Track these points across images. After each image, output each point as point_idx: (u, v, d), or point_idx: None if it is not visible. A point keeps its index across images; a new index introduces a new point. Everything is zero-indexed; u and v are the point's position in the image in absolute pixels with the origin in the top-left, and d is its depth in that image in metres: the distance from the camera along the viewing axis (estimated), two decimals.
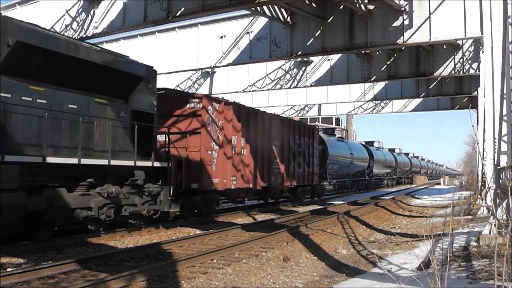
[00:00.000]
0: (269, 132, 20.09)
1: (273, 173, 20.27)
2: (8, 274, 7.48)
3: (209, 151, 15.71)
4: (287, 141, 21.93)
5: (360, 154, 37.82)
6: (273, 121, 20.82)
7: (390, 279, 6.45)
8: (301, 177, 23.58)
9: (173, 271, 8.27)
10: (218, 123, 16.32)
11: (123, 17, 16.36)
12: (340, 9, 17.04)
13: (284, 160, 21.31)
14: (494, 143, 12.65)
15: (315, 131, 26.26)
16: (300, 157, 23.38)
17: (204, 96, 16.01)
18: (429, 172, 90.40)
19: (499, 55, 12.40)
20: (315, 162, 25.49)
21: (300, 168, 23.32)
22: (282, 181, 21.30)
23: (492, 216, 10.13)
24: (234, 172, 17.21)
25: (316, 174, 25.83)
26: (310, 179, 24.78)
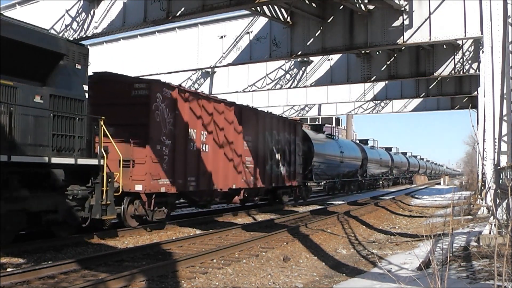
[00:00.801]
0: (239, 126, 17.64)
1: (244, 173, 17.93)
2: (8, 274, 7.48)
3: (158, 146, 13.25)
4: (262, 136, 19.49)
5: (352, 153, 35.29)
6: (245, 114, 18.14)
7: (390, 279, 6.45)
8: (281, 177, 21.32)
9: (173, 271, 8.27)
10: (170, 114, 13.84)
11: (123, 17, 16.36)
12: (340, 9, 17.04)
13: (258, 158, 18.97)
14: (494, 143, 12.65)
15: (298, 126, 23.87)
16: (279, 154, 21.04)
17: (152, 81, 13.82)
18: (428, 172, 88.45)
19: (499, 55, 12.40)
20: (297, 161, 23.20)
21: (279, 167, 21.07)
22: (255, 182, 18.87)
23: (492, 216, 10.13)
24: (192, 171, 14.79)
25: (300, 174, 23.52)
26: (292, 179, 22.52)
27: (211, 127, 15.88)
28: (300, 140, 23.91)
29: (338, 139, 33.21)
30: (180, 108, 14.29)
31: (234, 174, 17.32)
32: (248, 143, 18.31)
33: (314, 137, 27.55)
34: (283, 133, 21.59)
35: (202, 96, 15.91)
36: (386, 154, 49.28)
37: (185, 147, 14.50)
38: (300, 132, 24.18)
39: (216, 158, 16.15)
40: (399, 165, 55.56)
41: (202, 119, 15.36)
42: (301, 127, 24.54)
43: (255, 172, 18.84)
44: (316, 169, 27.44)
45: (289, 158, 22.16)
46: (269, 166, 20.09)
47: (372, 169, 41.82)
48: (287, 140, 22.07)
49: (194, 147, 15.01)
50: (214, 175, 15.97)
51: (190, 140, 14.76)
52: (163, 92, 13.55)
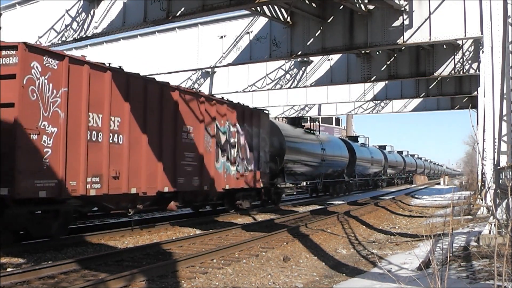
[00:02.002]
0: (173, 114, 14.08)
1: (182, 172, 14.30)
2: (8, 274, 7.49)
3: (34, 135, 9.92)
4: (211, 128, 16.02)
5: (337, 151, 31.06)
6: (183, 98, 14.59)
7: (390, 279, 6.45)
8: (239, 178, 17.87)
9: (173, 271, 8.28)
10: (57, 92, 10.52)
11: (123, 17, 16.35)
12: (340, 9, 17.04)
13: (204, 154, 15.46)
14: (494, 143, 12.65)
15: (264, 117, 20.18)
16: (235, 150, 17.62)
17: (27, 46, 9.93)
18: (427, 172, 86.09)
19: (499, 55, 12.40)
20: (262, 158, 19.68)
21: (235, 166, 17.52)
22: (201, 183, 15.28)
23: (492, 216, 10.13)
24: (96, 169, 11.22)
25: (266, 174, 20.16)
26: (255, 180, 19.04)
27: (127, 112, 12.24)
28: (267, 134, 20.24)
29: (320, 135, 28.94)
30: (73, 84, 10.84)
31: (166, 174, 13.63)
32: (188, 135, 14.68)
33: (287, 131, 23.74)
34: (241, 124, 18.00)
35: (113, 70, 11.96)
36: (378, 153, 45.58)
37: (82, 138, 11.00)
38: (267, 124, 20.36)
39: (136, 153, 12.50)
40: (394, 164, 52.29)
41: (113, 101, 11.76)
42: (267, 117, 20.62)
43: (199, 172, 15.17)
44: (289, 169, 23.59)
45: (250, 154, 18.65)
46: (221, 164, 16.55)
47: (362, 169, 38.22)
48: (247, 133, 18.48)
49: (99, 137, 11.39)
50: (133, 174, 12.34)
51: (92, 129, 11.23)
52: (43, 62, 10.21)
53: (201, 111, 15.54)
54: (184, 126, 14.61)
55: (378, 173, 44.94)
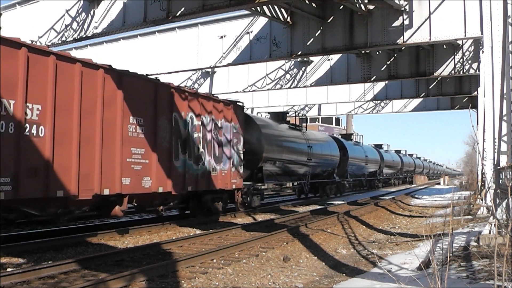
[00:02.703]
0: (119, 102, 11.73)
1: (129, 172, 11.99)
2: (8, 274, 7.48)
3: None
4: (168, 120, 13.56)
5: (326, 150, 28.27)
6: (129, 84, 12.14)
7: (390, 279, 6.45)
8: (206, 178, 15.33)
9: (173, 271, 8.27)
10: None
11: (123, 17, 16.37)
12: (340, 9, 17.05)
13: (159, 151, 13.05)
14: (494, 143, 12.65)
15: (238, 110, 17.51)
16: (202, 146, 15.17)
17: None
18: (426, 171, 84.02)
19: (499, 55, 12.40)
20: (235, 156, 17.20)
21: (200, 164, 15.04)
22: (156, 185, 12.92)
23: (492, 216, 10.13)
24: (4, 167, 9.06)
25: (241, 173, 17.64)
26: (226, 181, 16.52)
27: (50, 98, 10.01)
28: (241, 129, 17.71)
29: (306, 132, 26.08)
30: None
31: (107, 174, 11.36)
32: (136, 128, 12.36)
33: (266, 126, 21.29)
34: (207, 116, 15.59)
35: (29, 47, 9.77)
36: (374, 152, 43.08)
37: None
38: (241, 117, 17.80)
39: (63, 147, 10.28)
40: (390, 164, 49.89)
41: (29, 85, 9.60)
42: (241, 110, 18.02)
43: (152, 171, 12.85)
44: (269, 168, 21.21)
45: (219, 151, 16.22)
46: (181, 162, 14.08)
47: (355, 169, 35.77)
48: (215, 127, 16.00)
49: (10, 128, 9.23)
50: (60, 173, 10.18)
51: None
52: None
53: (155, 100, 13.06)
54: (132, 117, 12.15)
55: (373, 173, 42.43)
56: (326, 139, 29.88)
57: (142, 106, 12.62)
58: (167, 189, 13.44)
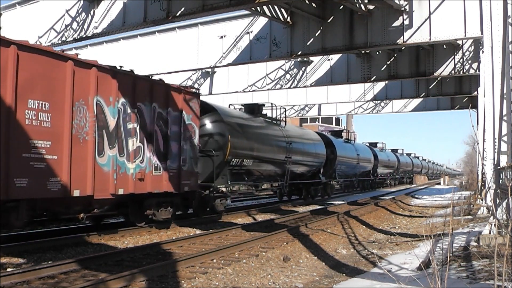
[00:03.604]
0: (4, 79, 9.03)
1: (26, 171, 9.35)
2: (8, 274, 7.49)
3: None
4: (88, 106, 10.85)
5: (310, 147, 25.31)
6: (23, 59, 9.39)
7: (390, 279, 6.45)
8: (145, 180, 12.55)
9: (173, 271, 8.27)
10: None
11: (123, 17, 16.37)
12: (340, 9, 17.05)
13: (74, 144, 10.43)
14: (494, 143, 12.65)
15: (190, 98, 14.67)
16: (137, 140, 12.38)
17: None
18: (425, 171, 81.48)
19: (499, 55, 12.40)
20: (188, 153, 14.38)
21: (134, 162, 12.22)
22: (67, 187, 10.21)
23: (492, 216, 10.13)
24: None
25: (195, 173, 14.79)
26: (175, 183, 13.69)
27: None
28: (196, 120, 14.88)
29: (286, 126, 23.17)
30: None
31: None
32: (40, 114, 9.76)
33: (232, 118, 18.24)
34: (147, 104, 12.76)
35: None
36: (367, 150, 40.43)
37: None
38: (195, 107, 14.94)
39: None
40: (386, 163, 47.31)
41: None
42: (196, 99, 15.08)
43: (66, 169, 10.23)
44: (235, 167, 17.98)
45: (164, 147, 13.43)
46: (108, 159, 11.39)
47: (345, 168, 32.88)
48: (159, 118, 13.25)
49: None
50: None
51: None
52: None
53: (68, 80, 10.39)
54: (31, 101, 9.52)
55: (366, 173, 39.53)
56: (309, 135, 26.61)
57: (48, 88, 9.91)
58: (87, 192, 10.67)
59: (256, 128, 19.97)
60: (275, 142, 21.14)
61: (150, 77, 13.83)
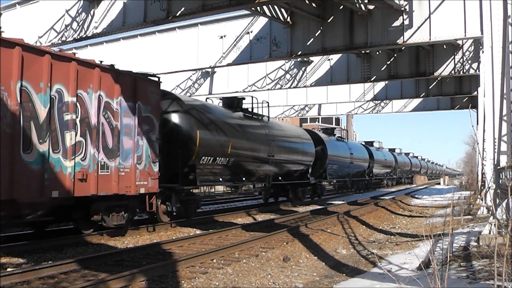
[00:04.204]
0: None
1: None
2: (8, 274, 7.49)
3: None
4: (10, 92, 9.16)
5: (297, 145, 23.15)
6: None
7: (390, 279, 6.45)
8: (88, 180, 10.82)
9: (173, 271, 8.28)
10: None
11: (123, 17, 16.37)
12: (340, 9, 17.05)
13: None
14: (494, 143, 12.66)
15: (147, 86, 12.84)
16: (78, 134, 10.66)
17: None
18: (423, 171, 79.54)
19: (499, 55, 12.40)
20: (144, 150, 12.56)
21: (73, 160, 10.46)
22: None
23: (492, 216, 10.13)
24: None
25: (151, 173, 12.74)
26: (126, 183, 11.91)
27: None
28: (155, 112, 13.06)
29: (269, 122, 21.12)
30: None
31: None
32: None
33: (202, 111, 16.12)
34: (92, 92, 11.08)
35: None
36: (362, 149, 38.44)
37: None
38: (155, 98, 13.09)
39: None
40: (382, 163, 45.14)
41: None
42: (156, 87, 13.22)
43: None
44: (205, 167, 15.89)
45: (117, 142, 11.72)
46: (38, 155, 9.72)
47: (337, 168, 30.55)
48: (110, 109, 11.57)
49: None
50: None
51: None
52: None
53: None
54: None
55: (361, 174, 37.72)
56: (296, 132, 24.50)
57: None
58: (8, 195, 8.98)
59: (234, 123, 17.90)
60: (256, 138, 19.02)
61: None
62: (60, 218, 11.62)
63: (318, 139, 27.22)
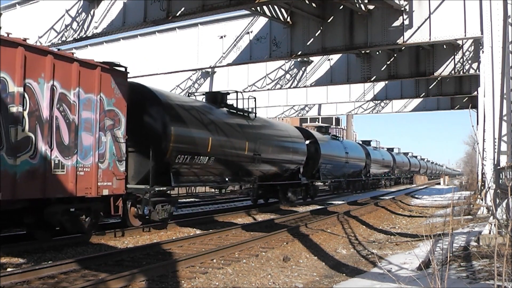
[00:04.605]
0: None
1: None
2: (8, 274, 7.49)
3: None
4: None
5: (286, 144, 21.95)
6: None
7: (390, 279, 6.45)
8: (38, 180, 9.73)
9: (173, 271, 8.28)
10: None
11: (123, 17, 16.36)
12: (340, 9, 17.04)
13: None
14: (494, 143, 12.65)
15: (112, 77, 11.79)
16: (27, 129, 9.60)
17: None
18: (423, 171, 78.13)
19: (499, 55, 12.40)
20: (108, 148, 11.54)
21: (21, 158, 9.44)
22: None
23: (492, 216, 10.14)
24: None
25: (116, 173, 11.71)
26: (86, 185, 10.85)
27: None
28: (122, 107, 12.03)
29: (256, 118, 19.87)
30: None
31: None
32: None
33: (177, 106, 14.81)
34: (45, 82, 10.00)
35: None
36: (358, 149, 37.48)
37: None
38: (124, 90, 12.13)
39: None
40: (380, 163, 44.28)
41: None
42: (122, 78, 12.14)
43: None
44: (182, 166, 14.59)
45: (74, 138, 10.61)
46: None
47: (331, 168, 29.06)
48: (66, 101, 10.48)
49: None
50: None
51: None
52: None
53: None
54: None
55: (357, 174, 36.51)
56: (286, 130, 23.16)
57: None
58: None
59: (216, 119, 16.61)
60: (241, 136, 17.73)
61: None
62: (8, 224, 10.25)
63: (311, 137, 26.15)
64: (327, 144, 28.64)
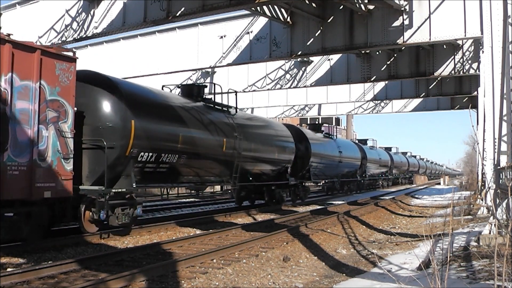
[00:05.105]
0: None
1: None
2: (8, 274, 7.49)
3: None
4: None
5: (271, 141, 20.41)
6: None
7: (390, 279, 6.46)
8: None
9: (173, 271, 8.27)
10: None
11: (123, 17, 16.37)
12: (340, 9, 17.05)
13: None
14: (494, 143, 12.65)
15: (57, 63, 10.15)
16: None
17: None
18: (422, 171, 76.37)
19: (499, 55, 12.40)
20: (51, 143, 9.99)
21: None
22: None
23: (492, 216, 10.14)
24: None
25: (61, 172, 10.17)
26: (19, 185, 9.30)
27: None
28: (70, 97, 10.50)
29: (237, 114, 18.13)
30: None
31: None
32: None
33: (141, 96, 13.66)
34: None
35: None
36: (353, 148, 35.64)
37: None
38: (72, 78, 10.60)
39: None
40: (377, 163, 42.65)
41: None
42: (69, 65, 10.50)
43: None
44: (149, 165, 13.20)
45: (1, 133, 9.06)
46: None
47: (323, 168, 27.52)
48: None
49: None
50: None
51: None
52: None
53: None
54: None
55: (352, 174, 34.78)
56: (271, 127, 21.43)
57: None
58: None
59: (188, 114, 14.99)
60: (217, 132, 16.14)
61: None
62: None
63: (300, 135, 24.31)
64: (319, 143, 26.97)
